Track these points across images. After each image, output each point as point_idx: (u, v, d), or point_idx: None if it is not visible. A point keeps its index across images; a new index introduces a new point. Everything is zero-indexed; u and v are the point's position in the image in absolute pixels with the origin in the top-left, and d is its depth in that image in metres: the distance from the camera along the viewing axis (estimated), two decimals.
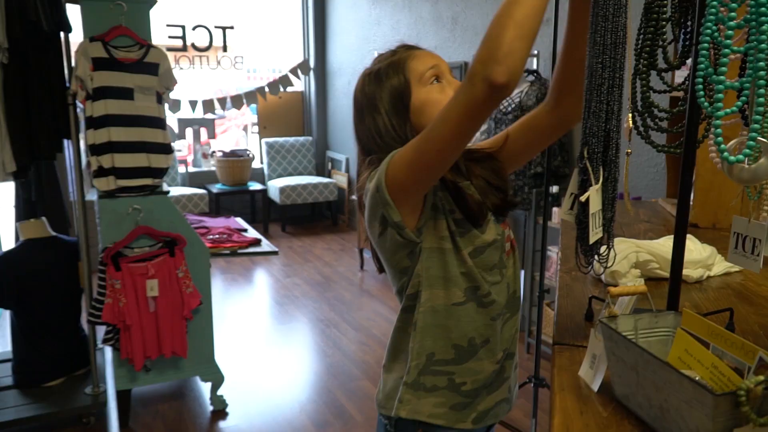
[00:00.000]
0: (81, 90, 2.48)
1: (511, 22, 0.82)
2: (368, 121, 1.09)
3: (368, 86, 1.10)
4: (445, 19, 4.67)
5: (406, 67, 1.08)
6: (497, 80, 0.81)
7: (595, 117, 0.82)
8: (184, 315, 2.65)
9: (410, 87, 1.07)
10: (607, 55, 0.81)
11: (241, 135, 10.15)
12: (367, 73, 1.13)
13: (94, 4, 2.50)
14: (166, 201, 2.66)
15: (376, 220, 1.05)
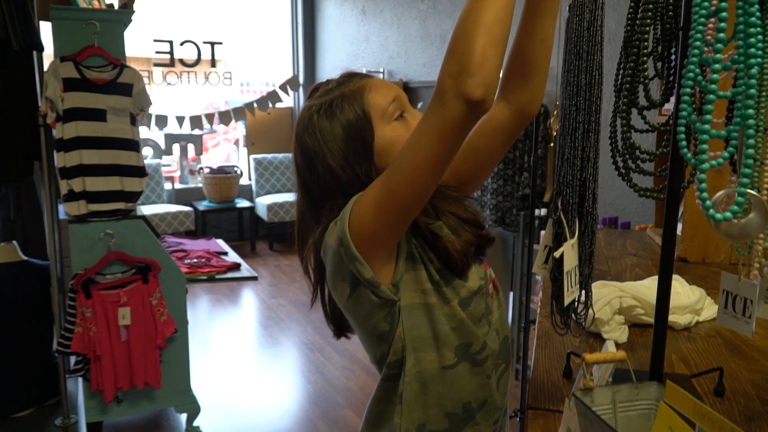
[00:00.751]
0: (51, 111, 2.39)
1: (480, 28, 0.71)
2: (322, 168, 0.92)
3: (318, 124, 0.93)
4: (434, 36, 4.62)
5: (364, 100, 0.92)
6: (473, 95, 0.71)
7: (570, 165, 0.74)
8: (157, 344, 2.55)
9: (372, 124, 0.92)
10: (581, 96, 0.73)
11: (232, 149, 10.07)
12: (315, 110, 0.94)
13: (66, 22, 2.42)
14: (139, 225, 2.57)
15: (343, 281, 0.90)
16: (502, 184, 3.56)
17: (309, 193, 0.97)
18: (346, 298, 0.91)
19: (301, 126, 0.95)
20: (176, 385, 2.72)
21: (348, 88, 0.94)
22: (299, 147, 0.96)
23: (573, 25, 0.73)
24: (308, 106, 0.97)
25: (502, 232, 3.96)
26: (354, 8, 5.84)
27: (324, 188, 0.94)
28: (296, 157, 0.98)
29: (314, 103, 0.96)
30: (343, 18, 6.09)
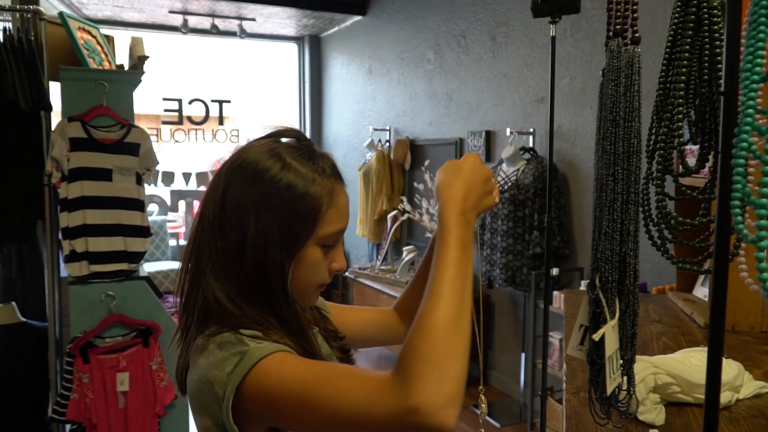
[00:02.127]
0: (56, 171, 2.36)
1: (458, 354, 0.68)
2: (237, 233, 0.82)
3: (261, 187, 0.82)
4: (440, 95, 4.66)
5: (321, 210, 0.84)
6: (448, 426, 0.64)
7: (608, 239, 0.68)
8: (156, 411, 2.44)
9: (312, 234, 0.84)
10: (619, 166, 0.68)
11: None
12: (262, 170, 0.83)
13: (76, 83, 2.43)
14: (142, 287, 2.50)
15: (205, 416, 0.80)
16: (512, 242, 3.50)
17: (197, 258, 0.87)
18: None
19: (236, 179, 0.84)
20: None
21: (318, 185, 0.85)
22: (219, 200, 0.84)
23: (608, 91, 0.68)
24: (257, 163, 0.85)
25: (512, 292, 3.87)
26: (361, 68, 5.92)
27: (226, 256, 0.84)
28: (205, 213, 0.86)
29: (270, 167, 0.85)
30: (350, 77, 6.18)
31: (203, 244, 0.87)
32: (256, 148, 0.88)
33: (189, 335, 0.90)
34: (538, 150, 3.62)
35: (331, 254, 0.90)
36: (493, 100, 4.07)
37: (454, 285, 0.72)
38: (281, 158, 0.86)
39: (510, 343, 3.96)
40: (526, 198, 3.44)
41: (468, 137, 4.27)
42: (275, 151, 0.87)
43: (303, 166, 0.86)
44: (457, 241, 0.76)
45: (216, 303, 0.85)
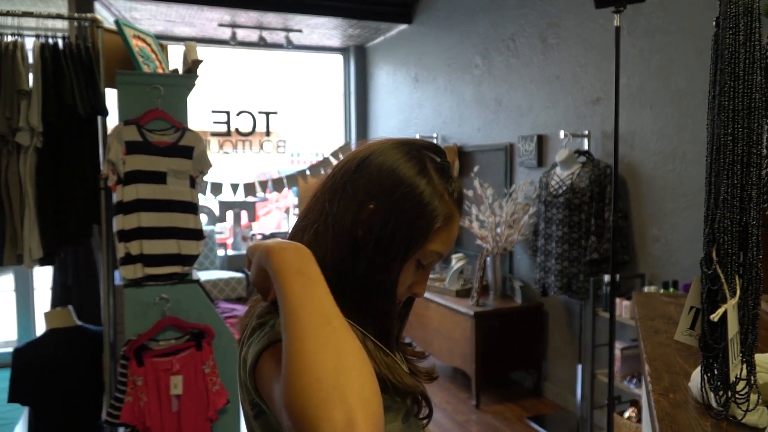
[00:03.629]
0: (112, 174, 2.39)
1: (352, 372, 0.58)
2: (354, 216, 0.81)
3: (393, 181, 0.81)
4: (489, 100, 4.58)
5: (435, 226, 0.82)
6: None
7: (727, 206, 0.60)
8: (208, 416, 2.42)
9: (420, 246, 0.82)
10: (739, 124, 0.60)
11: (282, 217, 10.15)
12: (400, 166, 0.82)
13: (132, 87, 2.45)
14: (195, 290, 2.49)
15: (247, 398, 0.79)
16: (567, 248, 3.38)
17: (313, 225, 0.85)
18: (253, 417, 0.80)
19: (398, 153, 0.83)
20: None
21: (449, 194, 0.85)
22: (375, 166, 0.83)
23: (726, 41, 0.61)
24: (417, 149, 0.86)
25: (567, 300, 3.74)
26: (407, 76, 5.90)
27: (342, 219, 0.82)
28: (356, 167, 0.85)
29: (424, 154, 0.86)
30: (395, 86, 6.16)
31: (317, 205, 0.86)
32: (400, 144, 0.87)
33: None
34: (594, 153, 3.50)
35: (418, 275, 0.88)
36: (544, 103, 3.97)
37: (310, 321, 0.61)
38: (422, 163, 0.85)
39: (565, 353, 3.82)
40: (582, 202, 3.32)
41: (518, 142, 4.18)
42: (419, 154, 0.86)
43: (437, 179, 0.85)
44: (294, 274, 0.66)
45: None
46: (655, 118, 3.14)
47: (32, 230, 2.41)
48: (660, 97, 3.10)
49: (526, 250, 4.10)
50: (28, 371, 2.52)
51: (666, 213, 3.08)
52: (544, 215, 3.55)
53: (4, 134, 2.36)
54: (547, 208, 3.52)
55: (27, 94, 2.39)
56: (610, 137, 3.42)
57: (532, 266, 4.07)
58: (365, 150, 0.86)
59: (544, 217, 3.55)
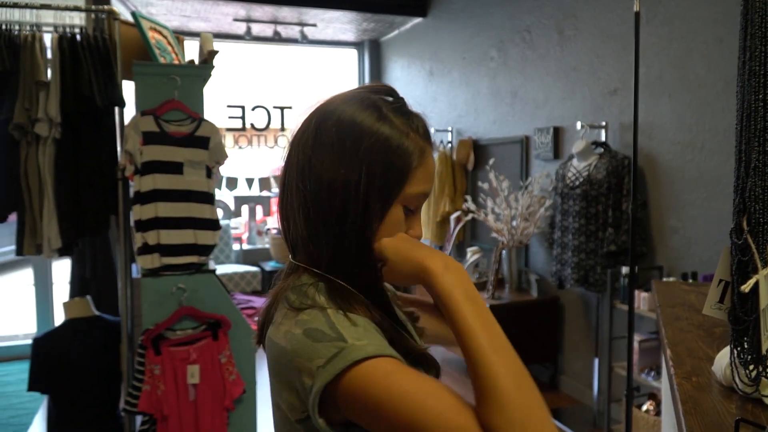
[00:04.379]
0: (130, 164, 2.40)
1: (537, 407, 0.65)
2: (326, 181, 0.79)
3: (354, 136, 0.79)
4: (504, 93, 4.55)
5: (412, 167, 0.81)
6: None
7: (758, 174, 0.59)
8: (225, 405, 2.43)
9: (400, 192, 0.80)
10: None
11: None
12: (357, 119, 0.80)
13: (149, 78, 2.46)
14: (211, 280, 2.50)
15: (290, 394, 0.77)
16: (584, 240, 3.35)
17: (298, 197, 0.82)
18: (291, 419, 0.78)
19: (335, 117, 0.80)
20: None
21: (410, 140, 0.81)
22: (318, 134, 0.80)
23: (755, 5, 0.59)
24: (368, 97, 0.83)
25: (583, 293, 3.71)
26: (421, 70, 5.88)
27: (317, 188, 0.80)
28: (299, 146, 0.82)
29: (377, 99, 0.83)
30: (410, 80, 6.14)
31: (292, 188, 0.83)
32: (350, 97, 0.84)
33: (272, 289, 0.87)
34: (611, 144, 3.47)
35: (410, 220, 0.86)
36: (561, 94, 3.94)
37: (493, 345, 0.68)
38: (378, 109, 0.82)
39: (581, 346, 3.79)
40: (599, 194, 3.29)
41: (534, 134, 4.14)
42: (371, 101, 0.83)
43: (398, 120, 0.82)
44: (465, 300, 0.72)
45: (304, 240, 0.82)
46: (673, 107, 3.10)
47: (51, 220, 2.43)
48: (679, 86, 3.06)
49: (542, 242, 4.07)
50: (46, 360, 2.55)
51: (684, 204, 3.04)
52: (561, 207, 3.52)
53: (23, 125, 2.38)
54: (564, 200, 3.49)
55: (45, 85, 2.41)
56: (627, 128, 3.38)
57: (548, 259, 4.04)
58: (315, 116, 0.83)
59: (561, 209, 3.52)
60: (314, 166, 0.80)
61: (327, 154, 0.79)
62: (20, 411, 3.67)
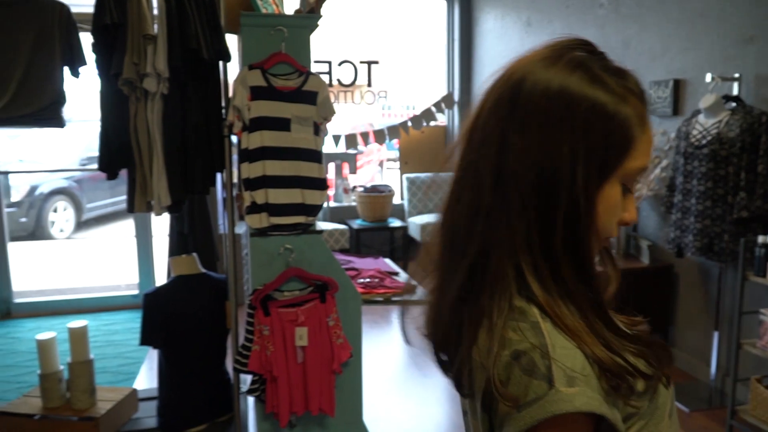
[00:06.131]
0: (237, 121, 2.33)
1: None
2: (528, 163, 0.67)
3: (561, 104, 0.67)
4: (614, 43, 4.19)
5: (634, 138, 0.69)
6: None
7: None
8: (333, 369, 2.38)
9: (619, 167, 0.69)
10: None
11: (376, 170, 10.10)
12: (563, 83, 0.68)
13: (255, 30, 2.36)
14: (318, 241, 2.43)
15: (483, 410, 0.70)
16: (710, 205, 3.05)
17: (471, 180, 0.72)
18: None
19: (543, 80, 0.68)
20: (349, 415, 2.53)
21: (629, 92, 0.70)
22: (532, 95, 0.68)
23: None
24: (573, 55, 0.70)
25: (703, 263, 3.42)
26: (518, 20, 5.54)
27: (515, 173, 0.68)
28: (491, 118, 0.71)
29: (583, 57, 0.70)
30: (504, 32, 5.81)
31: (475, 180, 0.71)
32: (547, 58, 0.70)
33: (447, 290, 0.75)
34: (745, 98, 3.11)
35: (626, 201, 0.73)
36: (683, 44, 3.57)
37: None
38: (588, 70, 0.68)
39: (698, 319, 3.52)
40: (730, 154, 2.97)
41: (649, 88, 3.80)
42: (577, 60, 0.69)
43: (612, 81, 0.69)
44: None
45: (493, 232, 0.69)
46: None
47: (160, 177, 2.41)
48: None
49: (654, 206, 3.78)
50: (158, 316, 2.57)
51: None
52: (683, 168, 3.22)
53: (132, 80, 2.35)
54: (687, 160, 3.19)
55: (153, 39, 2.35)
56: (765, 81, 3.02)
57: (660, 224, 3.75)
58: (506, 86, 0.71)
59: (683, 170, 3.22)
60: (513, 145, 0.68)
61: (529, 129, 0.68)
62: (128, 360, 3.81)
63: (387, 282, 2.73)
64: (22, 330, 4.32)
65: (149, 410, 2.78)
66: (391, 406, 3.29)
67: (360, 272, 2.84)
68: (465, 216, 0.72)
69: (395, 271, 2.99)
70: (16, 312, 4.64)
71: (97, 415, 2.52)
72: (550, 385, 0.62)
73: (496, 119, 0.70)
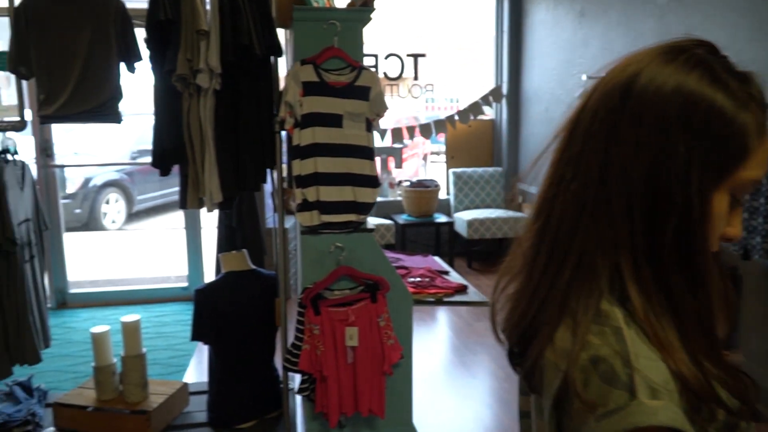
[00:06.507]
0: (289, 117, 2.30)
1: None
2: (637, 165, 0.64)
3: (679, 103, 0.64)
4: (676, 34, 3.97)
5: (750, 147, 0.64)
6: None
7: None
8: (383, 370, 2.34)
9: (731, 176, 0.64)
10: None
11: (420, 164, 10.00)
12: (681, 82, 0.64)
13: (307, 24, 2.32)
14: (370, 239, 2.39)
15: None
16: None
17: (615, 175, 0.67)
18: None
19: (673, 67, 0.64)
20: (398, 416, 2.49)
21: (751, 99, 0.65)
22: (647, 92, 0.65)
23: None
24: (694, 53, 0.66)
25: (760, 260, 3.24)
26: (570, 11, 5.37)
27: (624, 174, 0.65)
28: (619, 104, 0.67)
29: (705, 56, 0.66)
30: (556, 22, 5.65)
31: (579, 174, 0.68)
32: (663, 55, 0.67)
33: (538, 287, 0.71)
34: None
35: (732, 215, 0.69)
36: (752, 35, 3.38)
37: None
38: (709, 69, 0.65)
39: (763, 325, 3.35)
40: None
41: None
42: (697, 59, 0.65)
43: (734, 83, 0.64)
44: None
45: (590, 238, 0.66)
46: None
47: (212, 174, 2.40)
48: None
49: None
50: (209, 312, 2.58)
51: None
52: None
53: (185, 76, 2.34)
54: None
55: (206, 34, 2.34)
56: None
57: None
58: (621, 75, 0.68)
59: None
60: (623, 139, 0.66)
61: (642, 123, 0.65)
62: (178, 352, 3.86)
63: (438, 282, 2.67)
64: (77, 320, 4.43)
65: (199, 404, 2.80)
66: (440, 406, 3.24)
67: (410, 271, 2.79)
68: (568, 211, 0.69)
69: (445, 270, 2.93)
70: (72, 302, 4.77)
71: (149, 409, 2.54)
72: (632, 395, 0.59)
73: (605, 111, 0.68)
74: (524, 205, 6.30)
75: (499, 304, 0.79)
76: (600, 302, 0.66)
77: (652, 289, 0.65)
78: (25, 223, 2.65)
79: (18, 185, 2.61)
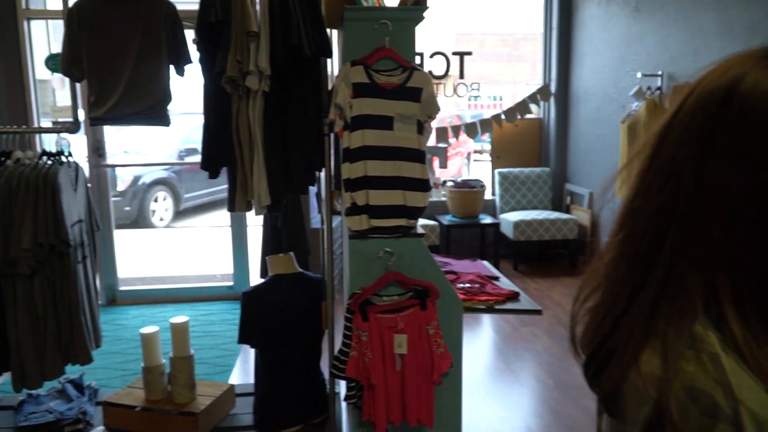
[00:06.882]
0: (339, 119, 2.25)
1: None
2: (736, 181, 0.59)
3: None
4: (738, 29, 3.82)
5: None
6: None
7: None
8: (433, 379, 2.28)
9: None
10: None
11: (463, 163, 9.87)
12: None
13: (358, 24, 2.27)
14: (419, 245, 2.33)
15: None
16: None
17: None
18: None
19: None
20: (447, 426, 2.43)
21: None
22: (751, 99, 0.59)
23: None
24: None
25: None
26: (624, 5, 5.19)
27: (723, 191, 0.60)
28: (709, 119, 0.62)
29: None
30: (608, 18, 5.47)
31: (669, 183, 0.64)
32: (764, 57, 0.61)
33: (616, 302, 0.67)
34: None
35: None
36: None
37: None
38: None
39: None
40: None
41: None
42: None
43: None
44: None
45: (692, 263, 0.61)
46: None
47: (261, 177, 2.38)
48: None
49: None
50: (254, 315, 2.56)
51: None
52: None
53: (235, 78, 2.32)
54: None
55: (256, 35, 2.32)
56: None
57: None
58: (721, 78, 0.62)
59: None
60: (723, 146, 0.60)
61: (744, 139, 0.60)
62: (224, 352, 3.88)
63: (488, 288, 2.59)
64: (127, 317, 4.50)
65: (246, 406, 2.79)
66: (488, 414, 3.16)
67: (459, 276, 2.72)
68: (654, 222, 0.64)
69: (496, 276, 2.84)
70: (121, 299, 4.86)
71: (196, 411, 2.54)
72: (739, 430, 0.55)
73: (703, 117, 0.62)
74: (572, 206, 6.14)
75: (578, 317, 0.73)
76: (693, 325, 0.60)
77: (751, 312, 0.59)
78: (78, 224, 2.68)
79: (71, 186, 2.64)
